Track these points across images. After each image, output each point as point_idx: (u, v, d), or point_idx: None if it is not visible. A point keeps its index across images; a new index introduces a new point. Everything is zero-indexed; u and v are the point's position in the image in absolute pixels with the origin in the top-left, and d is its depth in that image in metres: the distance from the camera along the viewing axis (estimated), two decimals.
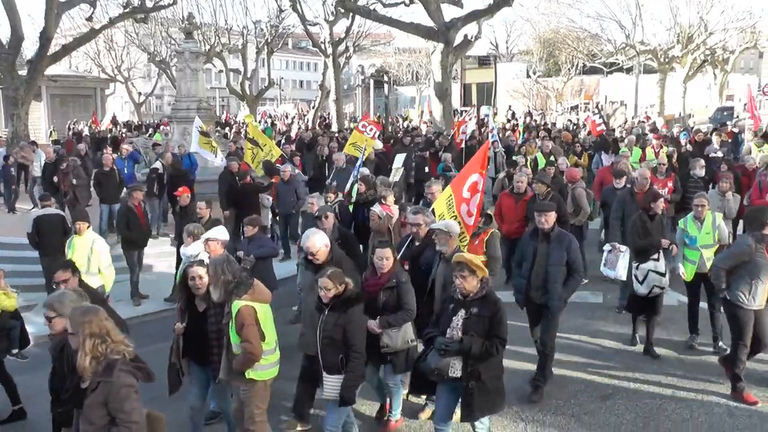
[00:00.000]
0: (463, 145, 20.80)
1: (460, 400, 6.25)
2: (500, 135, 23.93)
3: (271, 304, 6.70)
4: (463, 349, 6.04)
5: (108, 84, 51.04)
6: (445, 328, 6.27)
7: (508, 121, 38.80)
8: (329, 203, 11.48)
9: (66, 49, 28.75)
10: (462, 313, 6.22)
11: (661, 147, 18.94)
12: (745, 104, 28.86)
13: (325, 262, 7.23)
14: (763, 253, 7.79)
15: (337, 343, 6.37)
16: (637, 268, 9.21)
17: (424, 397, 7.69)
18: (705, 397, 8.03)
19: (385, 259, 7.15)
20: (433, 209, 8.93)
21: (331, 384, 6.43)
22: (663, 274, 9.07)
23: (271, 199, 15.70)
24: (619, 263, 10.05)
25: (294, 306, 11.50)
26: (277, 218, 16.52)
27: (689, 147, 20.07)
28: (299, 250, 8.85)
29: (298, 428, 7.42)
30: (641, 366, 9.00)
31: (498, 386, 6.31)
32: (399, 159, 16.42)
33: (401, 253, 8.12)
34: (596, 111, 32.72)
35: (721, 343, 9.21)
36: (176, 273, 10.90)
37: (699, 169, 13.98)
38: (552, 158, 17.30)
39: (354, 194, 12.59)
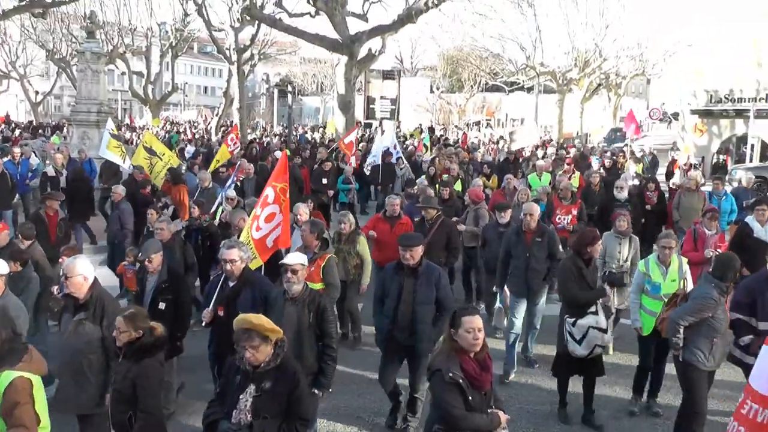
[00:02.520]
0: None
1: None
2: (404, 149, 23.74)
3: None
4: None
5: (1, 81, 48.98)
6: (231, 409, 4.99)
7: (411, 135, 38.03)
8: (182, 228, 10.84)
9: None
10: (251, 389, 4.96)
11: (573, 172, 17.81)
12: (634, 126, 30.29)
13: (85, 301, 6.20)
14: (725, 307, 7.03)
15: (127, 398, 5.36)
16: (573, 324, 7.63)
17: None
18: None
19: None
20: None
21: None
22: (605, 331, 7.66)
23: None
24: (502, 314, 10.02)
25: None
26: None
27: (601, 171, 18.85)
28: None
29: None
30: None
31: None
32: None
33: (214, 297, 7.09)
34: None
35: (657, 403, 8.26)
36: None
37: (618, 192, 13.43)
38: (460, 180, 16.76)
39: (218, 217, 11.94)
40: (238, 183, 15.35)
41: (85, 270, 6.22)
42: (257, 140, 33.21)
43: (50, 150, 20.59)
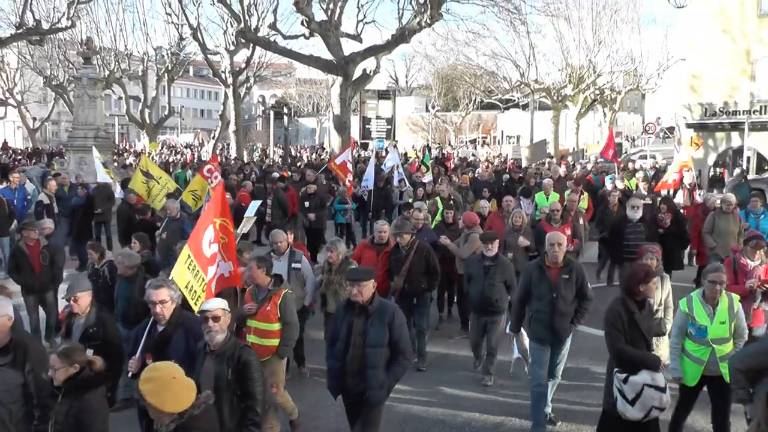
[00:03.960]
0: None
1: None
2: (406, 170, 22.85)
3: None
4: None
5: None
6: None
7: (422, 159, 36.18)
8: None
9: None
10: None
11: (582, 193, 16.35)
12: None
13: (5, 345, 5.77)
14: None
15: None
16: (624, 381, 6.36)
17: None
18: None
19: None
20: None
21: None
22: (663, 390, 6.33)
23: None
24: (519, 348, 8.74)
25: None
26: None
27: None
28: None
29: None
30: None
31: None
32: (253, 206, 12.77)
33: (141, 342, 6.32)
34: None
35: None
36: None
37: (632, 211, 12.16)
38: (452, 202, 14.94)
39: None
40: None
41: (8, 310, 5.77)
42: (255, 163, 33.32)
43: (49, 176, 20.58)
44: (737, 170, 26.36)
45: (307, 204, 17.06)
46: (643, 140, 30.16)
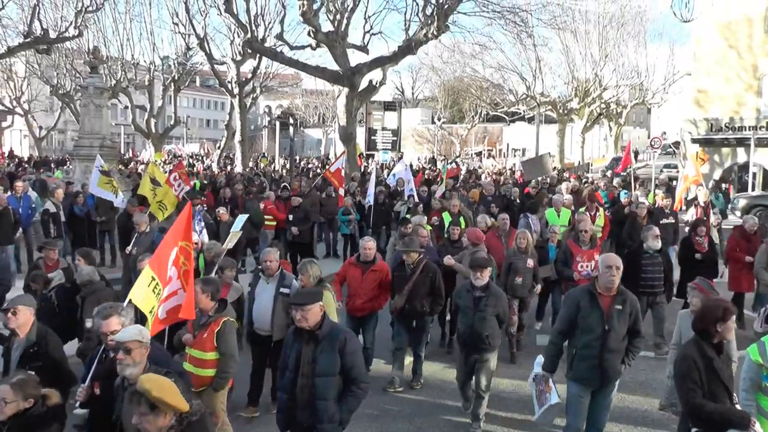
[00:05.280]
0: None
1: None
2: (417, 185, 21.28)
3: None
4: None
5: (5, 117, 49.30)
6: None
7: (429, 169, 35.19)
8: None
9: None
10: None
11: (597, 210, 15.41)
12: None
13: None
14: None
15: None
16: None
17: None
18: None
19: None
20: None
21: None
22: None
23: None
24: (543, 408, 7.15)
25: None
26: None
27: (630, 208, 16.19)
28: None
29: None
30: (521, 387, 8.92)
31: None
32: (240, 220, 12.34)
33: (91, 372, 5.92)
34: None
35: None
36: None
37: (653, 240, 10.86)
38: (462, 218, 14.37)
39: None
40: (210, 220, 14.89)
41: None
42: (263, 170, 33.34)
43: (52, 184, 20.56)
44: (711, 182, 26.52)
45: (291, 217, 16.66)
46: (648, 154, 30.11)
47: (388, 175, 25.67)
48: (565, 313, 6.93)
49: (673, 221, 15.44)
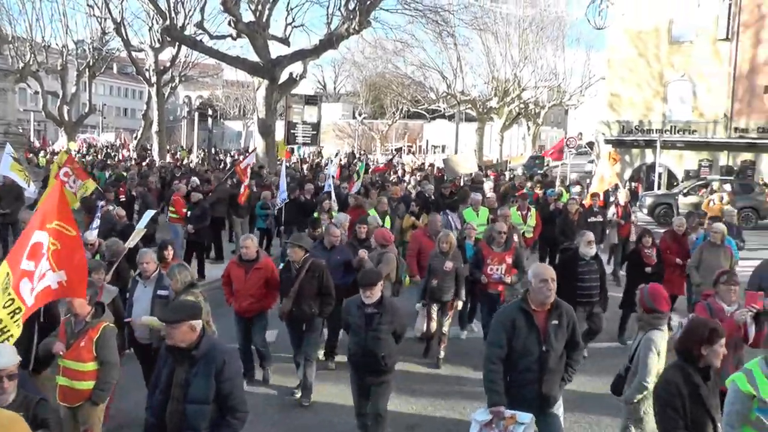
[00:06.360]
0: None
1: None
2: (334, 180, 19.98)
3: None
4: None
5: None
6: None
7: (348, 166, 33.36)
8: None
9: None
10: None
11: (529, 209, 15.11)
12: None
13: None
14: None
15: None
16: None
17: None
18: None
19: None
20: None
21: None
22: None
23: None
24: None
25: None
26: None
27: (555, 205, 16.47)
28: None
29: None
30: (448, 394, 8.85)
31: None
32: (147, 216, 11.56)
33: None
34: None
35: None
36: None
37: (586, 246, 9.99)
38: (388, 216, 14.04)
39: None
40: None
41: None
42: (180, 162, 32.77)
43: None
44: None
45: (189, 214, 15.76)
46: (564, 154, 31.03)
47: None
48: (500, 336, 5.94)
49: (601, 220, 15.29)
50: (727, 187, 25.65)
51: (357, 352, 7.10)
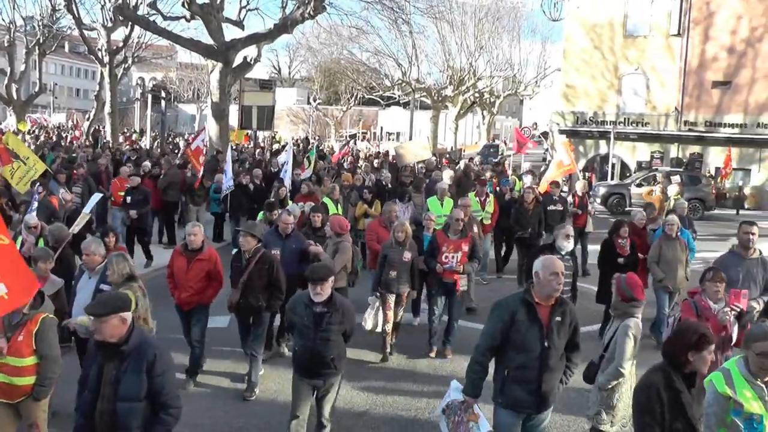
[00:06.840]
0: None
1: None
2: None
3: None
4: None
5: None
6: None
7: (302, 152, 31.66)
8: None
9: None
10: None
11: (487, 196, 14.89)
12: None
13: None
14: None
15: None
16: None
17: None
18: None
19: None
20: None
21: None
22: None
23: None
24: None
25: None
26: None
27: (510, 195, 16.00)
28: None
29: None
30: (397, 382, 8.99)
31: None
32: (93, 199, 11.53)
33: None
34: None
35: None
36: None
37: (563, 240, 9.50)
38: (339, 204, 14.10)
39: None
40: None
41: None
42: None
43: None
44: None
45: (129, 199, 15.24)
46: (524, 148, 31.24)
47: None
48: (496, 327, 5.57)
49: (561, 208, 15.18)
50: (677, 178, 26.12)
51: (303, 354, 6.54)
